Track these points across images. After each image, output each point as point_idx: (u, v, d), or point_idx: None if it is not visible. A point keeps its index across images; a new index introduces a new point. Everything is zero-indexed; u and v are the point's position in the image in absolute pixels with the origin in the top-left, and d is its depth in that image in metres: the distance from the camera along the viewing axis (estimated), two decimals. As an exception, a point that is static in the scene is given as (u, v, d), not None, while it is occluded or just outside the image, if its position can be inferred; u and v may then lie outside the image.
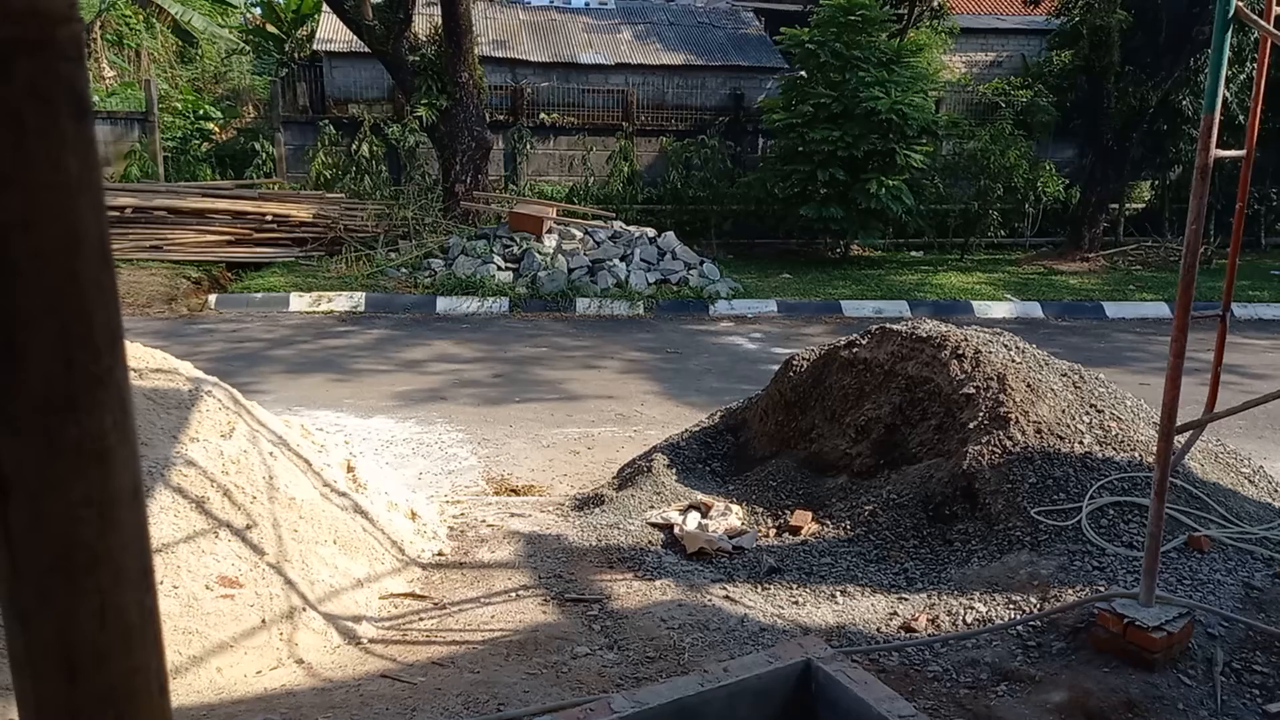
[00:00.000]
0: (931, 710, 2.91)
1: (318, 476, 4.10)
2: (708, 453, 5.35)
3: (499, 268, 11.88)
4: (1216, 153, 2.78)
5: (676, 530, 4.37)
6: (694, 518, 4.47)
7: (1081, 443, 4.14)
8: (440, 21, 13.51)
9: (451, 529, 4.56)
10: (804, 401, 5.11)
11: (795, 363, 5.29)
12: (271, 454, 3.91)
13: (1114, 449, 4.13)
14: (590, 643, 3.40)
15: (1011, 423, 4.17)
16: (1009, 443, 4.11)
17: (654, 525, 4.49)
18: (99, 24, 19.49)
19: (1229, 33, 2.74)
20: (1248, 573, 3.55)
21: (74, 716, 0.61)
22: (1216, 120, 2.74)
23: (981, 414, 4.27)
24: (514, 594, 3.82)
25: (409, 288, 11.71)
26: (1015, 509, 3.92)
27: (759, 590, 3.88)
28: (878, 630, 3.51)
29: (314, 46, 17.79)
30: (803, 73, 14.26)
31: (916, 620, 3.50)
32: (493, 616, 3.63)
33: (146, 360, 4.04)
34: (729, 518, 4.50)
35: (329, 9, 14.31)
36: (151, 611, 0.63)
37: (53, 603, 0.57)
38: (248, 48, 20.85)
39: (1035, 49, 18.70)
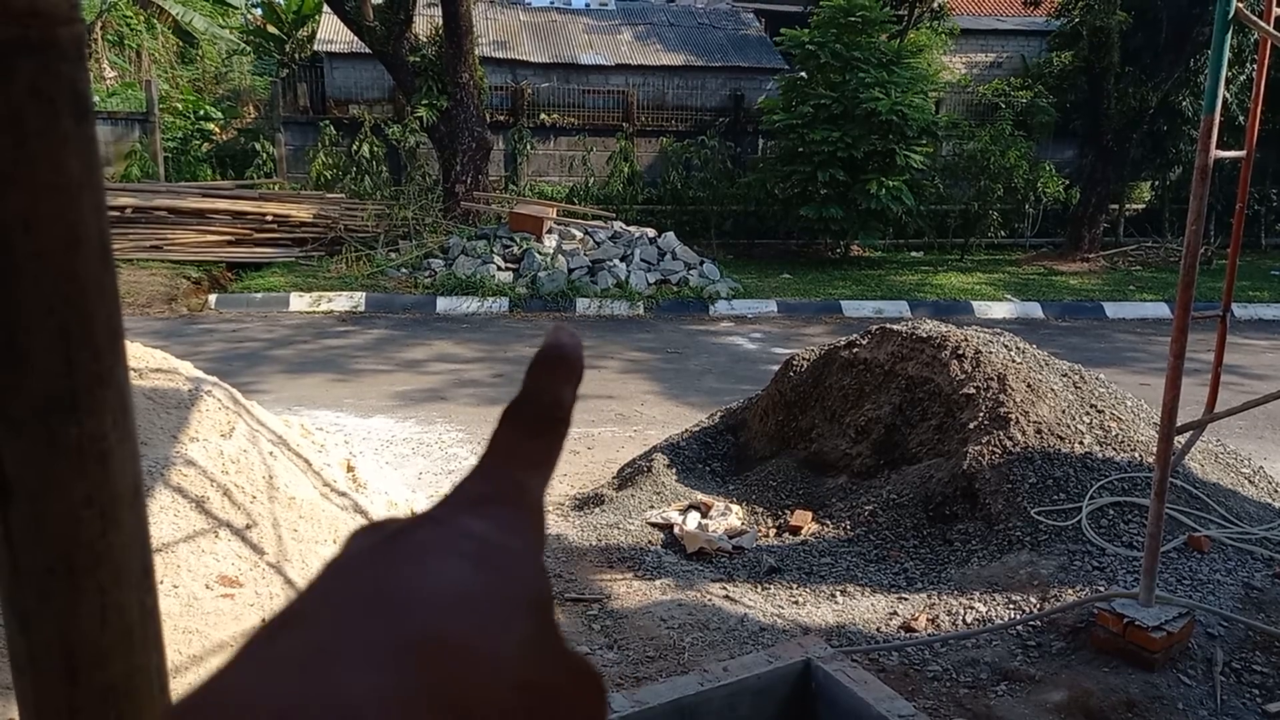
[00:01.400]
0: (931, 710, 2.91)
1: (318, 476, 4.10)
2: (708, 453, 5.35)
3: (499, 268, 11.89)
4: (1216, 153, 2.78)
5: (676, 530, 4.37)
6: (694, 517, 4.48)
7: (1082, 443, 4.15)
8: (441, 22, 13.51)
9: (451, 529, 4.56)
10: (804, 401, 5.12)
11: (795, 363, 5.29)
12: (271, 454, 3.91)
13: (1114, 449, 4.14)
14: (590, 642, 3.40)
15: (1012, 423, 4.17)
16: (1009, 443, 4.11)
17: (654, 525, 4.49)
18: (100, 24, 19.49)
19: (1229, 33, 2.74)
20: (1247, 573, 3.55)
21: (74, 716, 0.62)
22: (1216, 121, 2.74)
23: (982, 414, 4.28)
24: (514, 594, 3.82)
25: (409, 288, 11.71)
26: (1015, 509, 3.92)
27: (759, 590, 3.88)
28: (878, 630, 3.51)
29: (315, 47, 17.79)
30: (803, 73, 14.26)
31: (916, 620, 3.50)
32: (493, 616, 3.63)
33: (147, 360, 4.04)
34: (729, 517, 4.51)
35: (330, 10, 14.31)
36: (152, 611, 0.63)
37: (53, 603, 0.58)
38: (248, 48, 20.85)
39: (1035, 50, 18.69)
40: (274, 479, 3.77)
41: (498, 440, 0.30)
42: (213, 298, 11.25)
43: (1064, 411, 4.29)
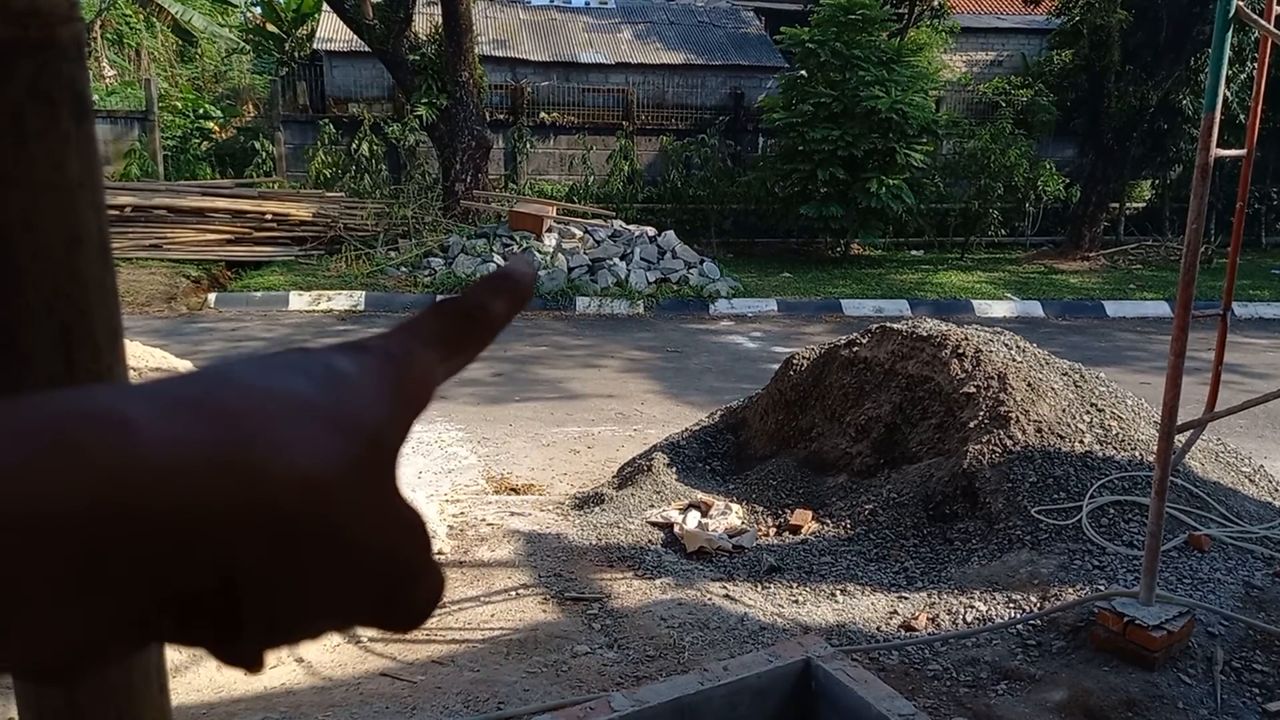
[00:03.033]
0: (931, 709, 2.91)
1: (318, 475, 4.10)
2: (708, 452, 5.35)
3: (499, 267, 11.87)
4: (1217, 152, 2.78)
5: (676, 529, 4.37)
6: (694, 516, 4.47)
7: (1082, 442, 4.15)
8: (440, 21, 13.50)
9: (451, 528, 4.56)
10: (804, 400, 5.11)
11: (795, 362, 5.28)
12: (272, 453, 3.91)
13: (1114, 448, 4.14)
14: (590, 641, 3.40)
15: (1012, 422, 4.17)
16: (1009, 442, 4.11)
17: (654, 524, 4.49)
18: (99, 23, 19.48)
19: (1229, 32, 2.74)
20: (1248, 572, 3.55)
21: (75, 716, 0.62)
22: (1217, 119, 2.74)
23: (982, 413, 4.27)
24: (513, 593, 3.82)
25: (409, 287, 11.70)
26: (1015, 508, 3.92)
27: (759, 589, 3.88)
28: (878, 629, 3.51)
29: (314, 45, 17.78)
30: (803, 72, 14.26)
31: (916, 619, 3.50)
32: (492, 615, 3.63)
33: (146, 359, 4.04)
34: (729, 517, 4.51)
35: (329, 8, 14.30)
36: (152, 610, 0.63)
37: (54, 602, 0.57)
38: (248, 47, 20.83)
39: (1035, 48, 18.68)
40: (274, 478, 3.77)
41: (415, 318, 0.33)
42: (212, 296, 11.24)
43: (1064, 410, 4.29)
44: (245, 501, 0.25)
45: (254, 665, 0.27)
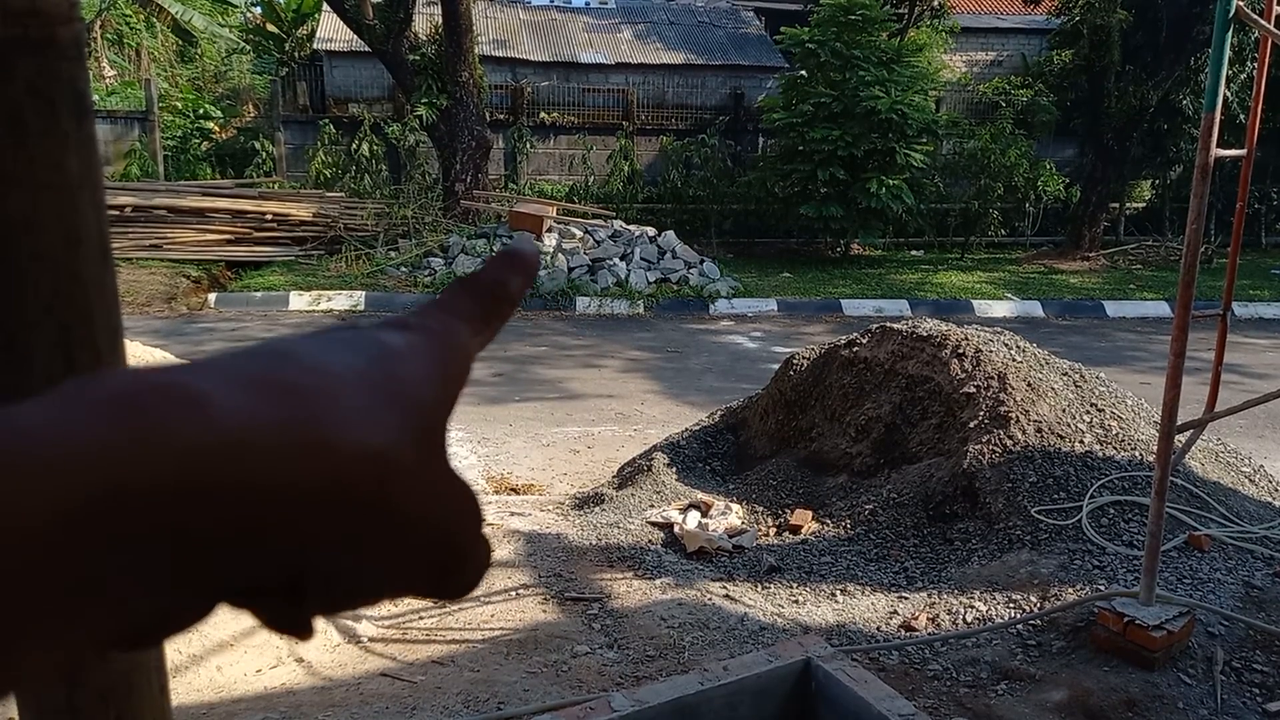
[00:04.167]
0: (931, 709, 2.91)
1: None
2: (708, 452, 5.35)
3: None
4: (1217, 152, 2.78)
5: (676, 529, 4.37)
6: (694, 517, 4.47)
7: (1082, 442, 4.15)
8: (440, 21, 13.51)
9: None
10: (804, 401, 5.11)
11: (795, 362, 5.28)
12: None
13: (1114, 448, 4.13)
14: (590, 641, 3.40)
15: (1012, 422, 4.17)
16: (1009, 442, 4.11)
17: (654, 524, 4.49)
18: (99, 23, 19.48)
19: (1229, 32, 2.74)
20: (1248, 572, 3.55)
21: (74, 716, 0.62)
22: (1217, 119, 2.74)
23: (982, 413, 4.27)
24: (514, 593, 3.82)
25: (409, 287, 11.71)
26: (1015, 508, 3.92)
27: (759, 589, 3.88)
28: (878, 629, 3.51)
29: (314, 46, 17.78)
30: (803, 72, 14.26)
31: (916, 619, 3.50)
32: (492, 615, 3.63)
33: (146, 359, 4.04)
34: (729, 517, 4.50)
35: (329, 8, 14.30)
36: (152, 611, 0.63)
37: (54, 602, 0.57)
38: (248, 47, 20.83)
39: (1035, 48, 18.68)
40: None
41: (443, 296, 0.34)
42: (212, 296, 11.24)
43: (1064, 410, 4.29)
44: (316, 476, 0.25)
45: (305, 632, 0.28)
